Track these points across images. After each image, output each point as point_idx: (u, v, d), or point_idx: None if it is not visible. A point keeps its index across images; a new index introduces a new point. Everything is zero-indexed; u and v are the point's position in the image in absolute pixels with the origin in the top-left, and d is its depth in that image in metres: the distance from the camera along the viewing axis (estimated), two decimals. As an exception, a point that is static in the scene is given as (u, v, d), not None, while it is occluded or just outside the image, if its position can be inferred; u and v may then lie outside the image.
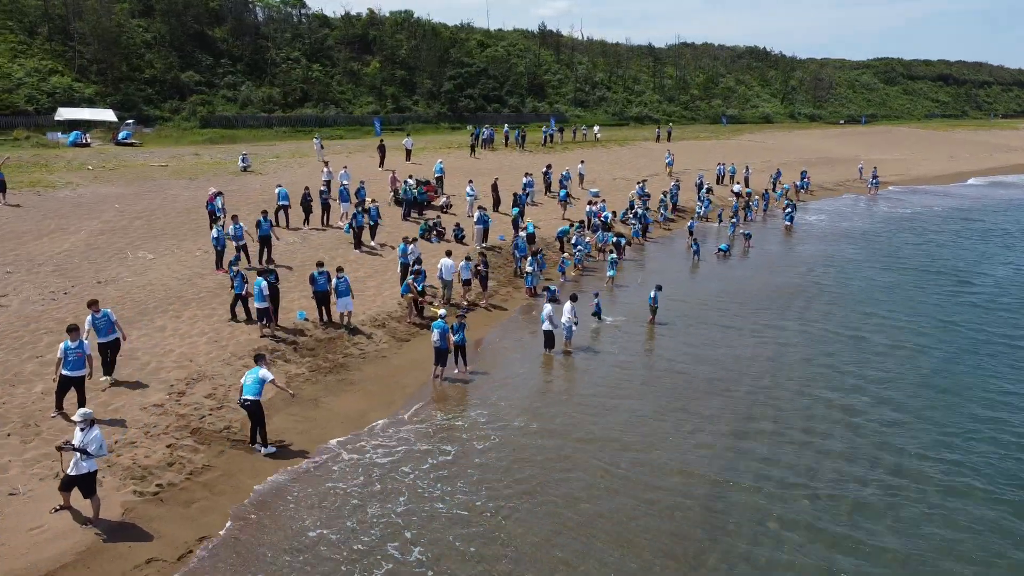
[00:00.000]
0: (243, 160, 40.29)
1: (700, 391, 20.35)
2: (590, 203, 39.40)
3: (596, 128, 74.09)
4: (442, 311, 25.94)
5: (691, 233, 38.46)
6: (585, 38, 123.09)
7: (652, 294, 26.25)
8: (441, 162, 42.35)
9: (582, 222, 36.66)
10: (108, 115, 62.67)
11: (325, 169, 36.32)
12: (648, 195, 44.99)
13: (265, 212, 26.97)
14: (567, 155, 56.67)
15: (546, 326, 22.85)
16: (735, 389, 20.46)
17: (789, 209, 45.65)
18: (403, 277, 26.55)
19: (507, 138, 62.71)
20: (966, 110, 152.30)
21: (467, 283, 26.95)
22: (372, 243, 30.83)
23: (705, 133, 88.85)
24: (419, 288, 24.67)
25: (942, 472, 16.31)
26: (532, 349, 23.29)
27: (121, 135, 57.68)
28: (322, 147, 46.63)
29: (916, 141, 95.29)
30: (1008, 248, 39.50)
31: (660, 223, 43.09)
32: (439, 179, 40.86)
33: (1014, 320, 26.88)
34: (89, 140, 55.90)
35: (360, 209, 30.03)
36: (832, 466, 16.48)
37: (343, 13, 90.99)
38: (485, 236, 33.35)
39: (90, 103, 64.85)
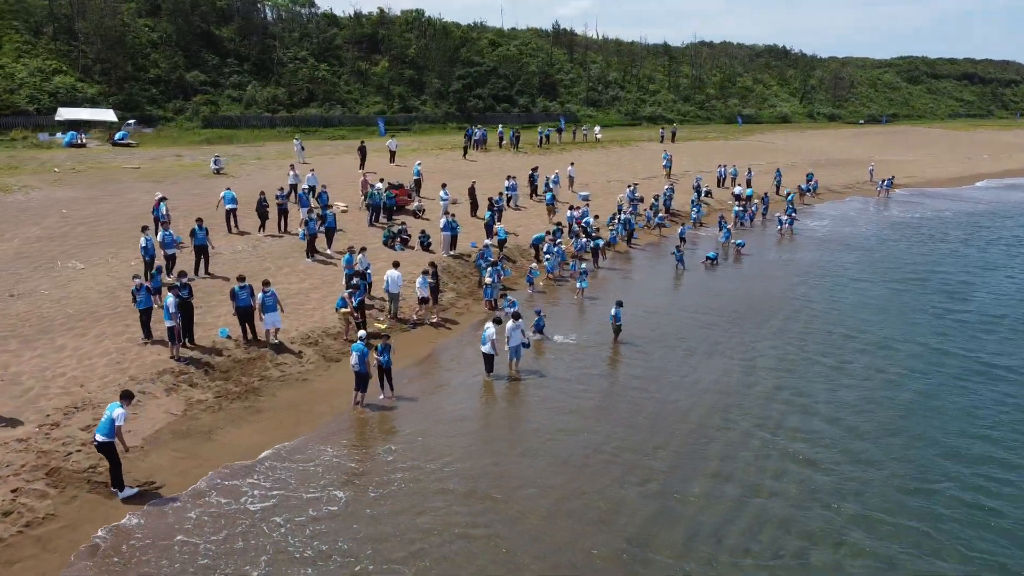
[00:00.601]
0: (216, 162, 38.40)
1: (643, 428, 17.92)
2: (571, 208, 37.02)
3: (597, 128, 71.36)
4: (384, 326, 24.00)
5: (682, 240, 35.93)
6: (600, 37, 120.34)
7: (613, 311, 23.85)
8: (419, 164, 40.14)
9: (559, 227, 34.24)
10: (108, 115, 61.32)
11: (291, 172, 34.17)
12: (640, 199, 42.49)
13: (200, 220, 24.91)
14: (563, 156, 54.23)
15: (486, 348, 20.59)
16: (680, 427, 17.95)
17: (790, 212, 42.91)
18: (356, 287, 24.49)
19: (501, 139, 60.05)
20: (992, 109, 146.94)
21: (424, 301, 24.52)
22: (329, 251, 28.75)
23: (714, 133, 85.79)
24: (356, 302, 22.50)
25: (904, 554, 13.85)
26: (475, 372, 21.02)
27: (118, 136, 56.29)
28: (302, 148, 44.57)
29: (934, 142, 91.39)
30: (1012, 257, 36.39)
31: (652, 229, 40.54)
32: (416, 182, 38.68)
33: (1005, 346, 24.04)
34: (85, 140, 54.50)
35: (312, 215, 27.90)
36: (772, 536, 14.03)
37: (352, 12, 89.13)
38: (453, 244, 31.14)
39: (93, 103, 63.63)
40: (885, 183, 56.34)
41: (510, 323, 21.04)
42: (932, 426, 18.23)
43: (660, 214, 41.15)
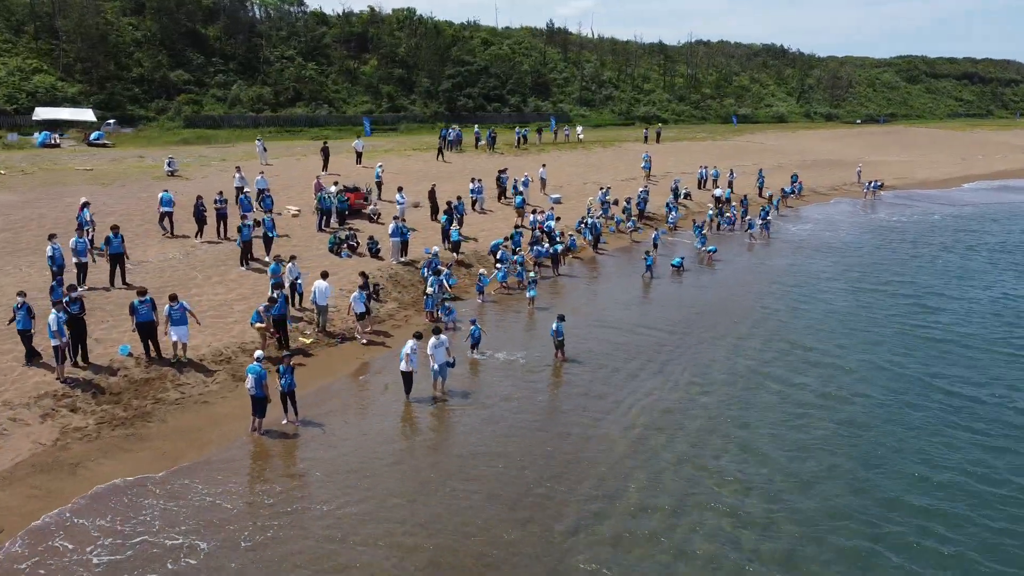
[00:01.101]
0: (169, 164, 36.63)
1: (555, 468, 16.01)
2: (535, 211, 35.13)
3: (579, 128, 69.00)
4: (310, 341, 22.21)
5: (656, 245, 33.99)
6: (596, 36, 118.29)
7: (554, 326, 21.91)
8: (381, 166, 38.26)
9: (519, 232, 32.28)
10: (87, 115, 59.81)
11: (237, 175, 32.33)
12: (612, 202, 40.47)
13: (116, 227, 23.11)
14: (540, 158, 52.20)
15: (403, 366, 18.75)
16: (592, 471, 15.97)
17: (764, 216, 40.89)
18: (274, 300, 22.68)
19: (477, 139, 57.94)
20: (991, 109, 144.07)
21: (361, 316, 22.63)
22: (268, 258, 26.91)
23: (702, 133, 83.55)
24: (272, 316, 20.68)
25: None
26: (397, 394, 19.16)
27: (93, 136, 54.61)
28: (265, 149, 42.73)
29: (930, 142, 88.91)
30: (992, 265, 34.09)
31: (626, 233, 38.55)
32: (377, 184, 36.83)
33: (971, 364, 21.98)
34: (59, 141, 52.84)
35: (246, 221, 26.09)
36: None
37: (342, 11, 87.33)
38: (404, 250, 29.32)
39: (73, 103, 62.10)
40: (872, 185, 54.24)
41: (432, 339, 19.20)
42: (879, 475, 16.28)
43: (632, 218, 39.14)
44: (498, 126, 73.20)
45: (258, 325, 20.39)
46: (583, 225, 35.68)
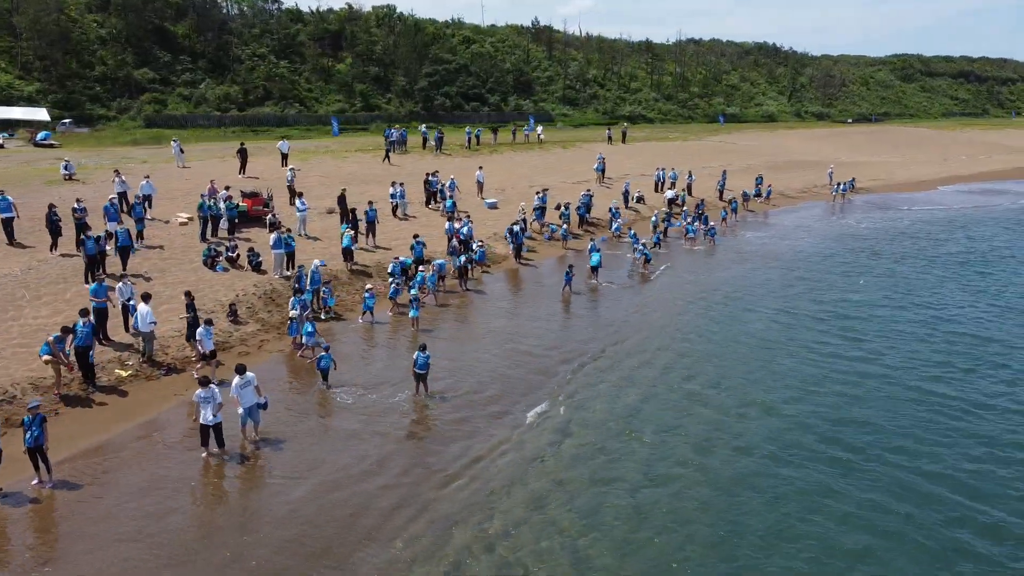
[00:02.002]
0: (65, 167, 33.36)
1: (349, 543, 12.76)
2: (449, 219, 31.71)
3: (539, 128, 64.98)
4: (127, 373, 18.92)
5: (591, 253, 30.14)
6: (584, 34, 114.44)
7: (416, 356, 18.51)
8: (293, 169, 34.83)
9: (419, 243, 28.68)
10: (40, 114, 56.72)
11: (117, 179, 29.00)
12: (555, 207, 36.92)
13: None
14: (491, 159, 48.73)
15: (204, 416, 15.33)
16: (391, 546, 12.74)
17: (706, 221, 37.36)
18: (100, 324, 19.45)
19: (425, 140, 54.05)
20: (987, 108, 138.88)
21: (207, 357, 19.09)
22: (125, 273, 23.63)
23: (675, 134, 79.55)
24: (65, 350, 17.37)
25: None
26: (194, 443, 15.84)
27: (39, 136, 51.63)
28: (181, 151, 39.35)
29: (916, 141, 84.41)
30: (942, 282, 29.82)
31: (561, 240, 35.02)
32: (289, 188, 33.48)
33: (877, 406, 18.37)
34: (3, 142, 49.80)
35: (90, 232, 22.82)
36: None
37: (317, 8, 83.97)
38: (291, 263, 26.02)
39: (30, 101, 59.17)
40: (842, 187, 50.36)
41: (236, 379, 15.87)
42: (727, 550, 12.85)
43: (564, 225, 35.54)
44: (476, 125, 69.77)
45: (45, 358, 17.10)
46: (509, 233, 32.25)
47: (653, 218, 37.50)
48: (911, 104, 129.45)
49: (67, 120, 58.32)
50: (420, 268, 26.55)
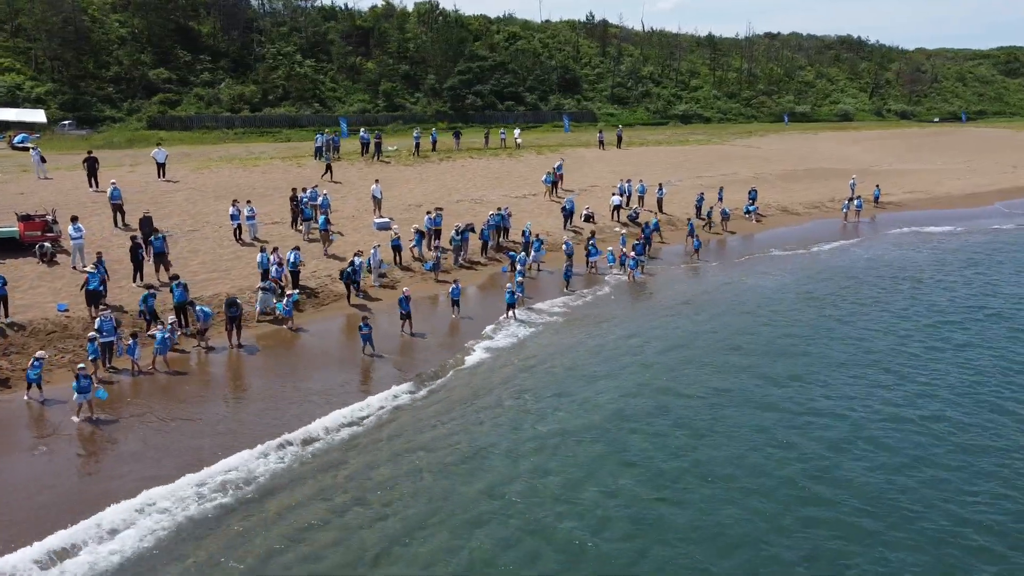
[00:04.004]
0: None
1: None
2: (275, 250, 24.48)
3: (517, 132, 55.47)
4: None
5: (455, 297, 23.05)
6: (645, 28, 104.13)
7: None
8: (115, 183, 27.81)
9: (266, 276, 21.90)
10: (37, 116, 53.21)
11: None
12: (462, 228, 29.17)
13: None
14: (438, 168, 40.81)
15: None
16: None
17: (638, 251, 28.79)
18: None
19: (364, 145, 45.25)
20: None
21: None
22: None
23: (695, 136, 68.68)
24: None
25: None
26: None
27: (17, 139, 48.16)
28: (43, 161, 33.03)
29: (990, 145, 68.79)
30: (935, 352, 20.51)
31: (456, 268, 27.41)
32: (115, 206, 26.86)
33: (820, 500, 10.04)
34: (-10, 144, 46.37)
35: None
36: None
37: (347, 5, 78.21)
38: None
39: (38, 103, 56.04)
40: (857, 203, 39.62)
41: None
42: None
43: (438, 251, 27.57)
44: (508, 125, 62.29)
45: None
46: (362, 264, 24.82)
47: (622, 239, 29.34)
48: (1013, 101, 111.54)
49: (67, 122, 54.82)
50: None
